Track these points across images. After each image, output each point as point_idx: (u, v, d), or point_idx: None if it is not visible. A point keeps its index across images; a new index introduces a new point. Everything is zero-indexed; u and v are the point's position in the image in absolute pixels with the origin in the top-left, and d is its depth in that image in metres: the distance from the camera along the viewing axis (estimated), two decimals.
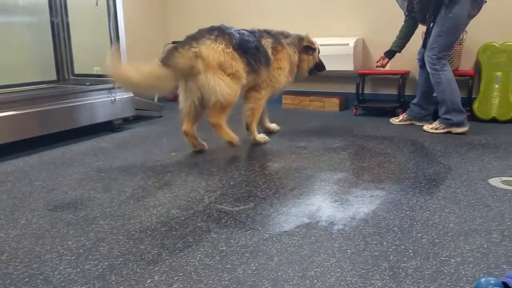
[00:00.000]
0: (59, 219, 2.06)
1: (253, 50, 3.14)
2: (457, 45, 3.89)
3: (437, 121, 3.70)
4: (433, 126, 3.70)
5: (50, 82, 4.23)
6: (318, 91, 5.05)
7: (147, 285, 1.50)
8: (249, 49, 3.11)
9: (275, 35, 3.41)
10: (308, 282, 1.49)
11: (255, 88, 3.33)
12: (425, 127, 3.75)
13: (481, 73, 4.16)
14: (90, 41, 4.30)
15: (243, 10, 5.37)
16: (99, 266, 1.63)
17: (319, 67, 3.76)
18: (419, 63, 3.85)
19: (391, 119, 4.16)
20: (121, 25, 3.94)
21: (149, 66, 2.92)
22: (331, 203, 2.19)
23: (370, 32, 4.76)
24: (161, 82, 2.94)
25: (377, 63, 4.12)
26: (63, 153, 3.25)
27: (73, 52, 4.36)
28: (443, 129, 3.63)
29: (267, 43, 3.30)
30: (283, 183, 2.51)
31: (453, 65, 4.04)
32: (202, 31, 3.05)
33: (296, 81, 3.70)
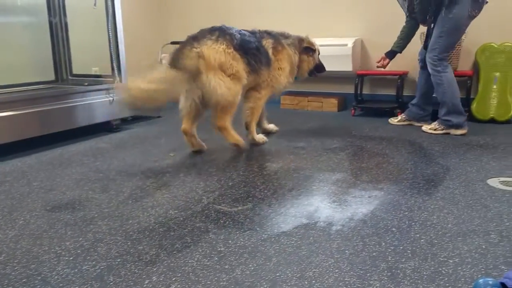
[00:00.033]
0: (57, 220, 2.06)
1: (253, 50, 3.14)
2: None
3: (436, 122, 3.70)
4: (431, 126, 3.70)
5: (48, 82, 4.23)
6: (316, 91, 5.05)
7: (145, 285, 1.50)
8: (250, 49, 3.12)
9: (276, 35, 3.41)
10: (306, 282, 1.49)
11: (256, 88, 3.34)
12: (424, 128, 3.75)
13: (480, 73, 4.17)
14: (88, 41, 4.30)
15: (241, 10, 5.37)
16: (97, 266, 1.63)
17: (319, 68, 3.77)
18: (420, 64, 3.84)
19: (390, 119, 4.17)
20: (119, 25, 3.94)
21: (158, 71, 2.92)
22: (329, 203, 2.19)
23: (368, 32, 4.77)
24: (174, 85, 2.92)
25: (378, 63, 4.12)
26: (61, 154, 3.25)
27: (72, 52, 4.36)
28: (442, 130, 3.63)
29: (268, 43, 3.31)
30: (282, 183, 2.51)
31: (452, 65, 4.03)
32: (203, 31, 3.05)
33: (295, 82, 3.71)
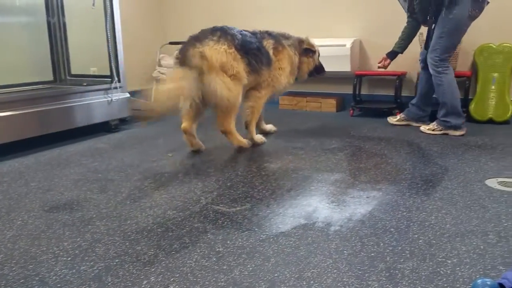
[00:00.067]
0: (55, 220, 2.05)
1: (254, 50, 3.16)
2: None
3: (434, 123, 3.69)
4: (430, 127, 3.70)
5: (46, 82, 4.23)
6: (315, 92, 5.05)
7: (143, 286, 1.50)
8: (251, 49, 3.14)
9: (277, 36, 3.44)
10: (304, 283, 1.49)
11: (256, 87, 3.35)
12: (422, 128, 3.75)
13: (478, 74, 4.17)
14: (87, 41, 4.30)
15: (240, 10, 5.37)
16: (95, 267, 1.63)
17: (319, 70, 3.78)
18: (421, 64, 3.83)
19: (389, 118, 4.16)
20: (118, 26, 3.94)
21: (175, 71, 2.97)
22: (328, 204, 2.19)
23: (367, 33, 4.77)
24: (191, 83, 2.94)
25: (379, 64, 4.12)
26: (60, 154, 3.24)
27: (70, 52, 4.36)
28: (440, 131, 3.63)
29: (269, 44, 3.33)
30: (280, 184, 2.51)
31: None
32: (205, 32, 3.07)
33: (295, 82, 3.71)
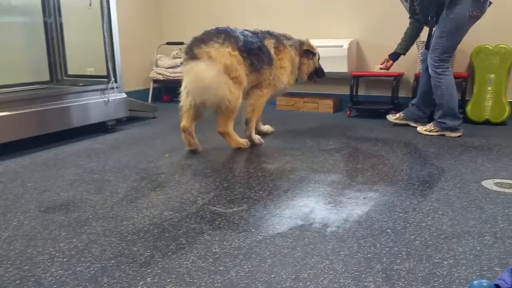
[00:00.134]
0: (51, 221, 2.05)
1: (256, 50, 3.20)
2: None
3: (431, 124, 3.70)
4: (427, 128, 3.71)
5: (43, 82, 4.21)
6: (312, 92, 5.05)
7: (140, 287, 1.49)
8: (252, 50, 3.17)
9: (278, 36, 3.48)
10: (301, 284, 1.49)
11: (258, 86, 3.38)
12: (419, 129, 3.76)
13: (475, 75, 4.18)
14: (83, 41, 4.29)
15: (237, 11, 5.37)
16: (91, 268, 1.62)
17: (319, 73, 3.81)
18: (422, 64, 3.83)
19: (388, 116, 4.13)
20: (114, 26, 3.93)
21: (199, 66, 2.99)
22: (324, 205, 2.19)
23: (364, 34, 4.77)
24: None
25: (381, 65, 4.12)
26: (56, 154, 3.23)
27: (67, 52, 4.34)
28: (437, 132, 3.64)
29: (270, 43, 3.36)
30: (277, 184, 2.51)
31: None
32: (209, 33, 3.09)
33: (294, 84, 3.72)
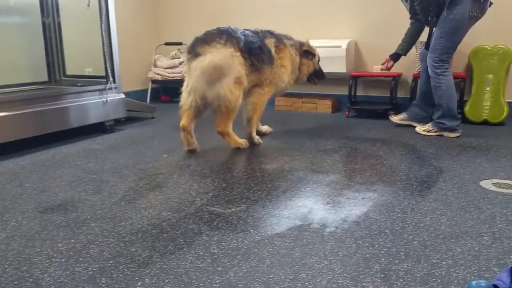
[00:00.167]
0: (50, 221, 2.04)
1: (257, 50, 3.21)
2: None
3: (430, 124, 3.70)
4: (425, 128, 3.71)
5: (41, 83, 4.20)
6: (310, 93, 5.06)
7: (138, 287, 1.49)
8: (253, 49, 3.19)
9: (278, 35, 3.50)
10: (299, 284, 1.49)
11: (259, 84, 3.38)
12: (417, 129, 3.76)
13: (473, 75, 4.19)
14: (82, 42, 4.28)
15: (235, 12, 5.37)
16: (90, 268, 1.62)
17: (319, 75, 3.82)
18: (422, 64, 3.83)
19: (391, 116, 4.12)
20: (113, 26, 3.93)
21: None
22: (323, 205, 2.19)
23: (362, 34, 4.78)
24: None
25: (382, 65, 4.12)
26: (54, 155, 3.23)
27: (65, 53, 4.34)
28: (435, 132, 3.64)
29: (271, 42, 3.38)
30: (275, 185, 2.51)
31: None
32: (211, 34, 3.10)
33: (294, 84, 3.72)
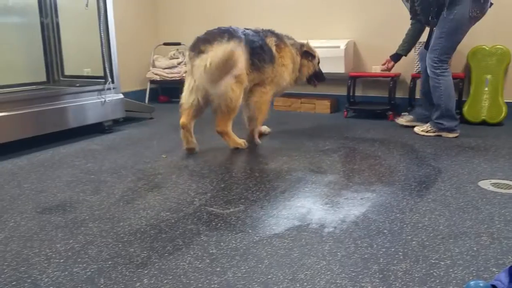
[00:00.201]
0: (48, 222, 2.04)
1: (257, 49, 3.23)
2: None
3: (428, 124, 3.70)
4: (424, 128, 3.71)
5: (39, 83, 4.20)
6: (309, 93, 5.05)
7: None
8: (254, 49, 3.20)
9: (279, 35, 3.52)
10: (298, 285, 1.49)
11: (260, 84, 3.39)
12: (416, 129, 3.77)
13: (471, 76, 4.20)
14: (80, 42, 4.28)
15: (233, 12, 5.37)
16: (88, 269, 1.62)
17: (319, 76, 3.83)
18: (421, 64, 3.83)
19: (397, 119, 4.11)
20: (111, 26, 3.92)
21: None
22: (321, 205, 2.19)
23: (361, 34, 4.78)
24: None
25: (383, 66, 4.13)
26: (53, 155, 3.22)
27: (63, 53, 4.34)
28: (434, 132, 3.64)
29: (271, 41, 3.39)
30: (274, 185, 2.51)
31: None
32: (213, 34, 3.10)
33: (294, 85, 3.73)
